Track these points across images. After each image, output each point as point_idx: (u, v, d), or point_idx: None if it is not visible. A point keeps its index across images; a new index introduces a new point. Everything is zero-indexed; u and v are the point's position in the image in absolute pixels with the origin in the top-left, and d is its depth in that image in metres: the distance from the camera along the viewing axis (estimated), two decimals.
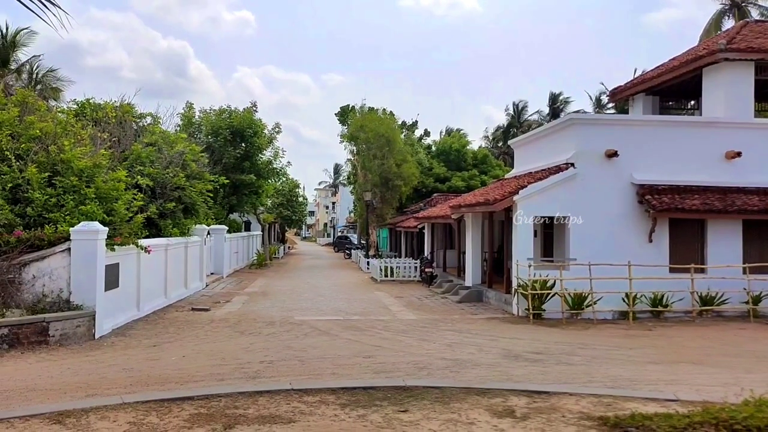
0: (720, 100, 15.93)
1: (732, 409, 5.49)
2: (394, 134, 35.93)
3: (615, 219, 14.98)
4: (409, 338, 11.51)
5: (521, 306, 14.58)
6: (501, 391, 7.07)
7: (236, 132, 29.18)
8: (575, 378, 8.12)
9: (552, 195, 15.01)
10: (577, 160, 15.15)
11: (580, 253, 14.67)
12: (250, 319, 13.87)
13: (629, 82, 20.08)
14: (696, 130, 15.58)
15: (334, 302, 17.71)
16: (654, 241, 14.87)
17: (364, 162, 35.33)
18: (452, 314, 15.37)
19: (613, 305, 14.29)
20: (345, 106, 43.67)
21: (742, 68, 15.69)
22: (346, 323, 13.40)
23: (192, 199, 18.79)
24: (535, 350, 10.28)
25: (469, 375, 8.18)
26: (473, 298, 17.97)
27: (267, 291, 20.87)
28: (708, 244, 15.09)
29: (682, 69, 16.93)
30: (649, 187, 14.90)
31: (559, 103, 54.35)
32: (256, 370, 8.31)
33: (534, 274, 14.39)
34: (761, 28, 17.48)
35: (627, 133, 15.34)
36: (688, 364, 9.24)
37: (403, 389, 7.05)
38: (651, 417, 5.74)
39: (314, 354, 9.69)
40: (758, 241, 15.13)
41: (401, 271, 26.10)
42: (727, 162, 15.29)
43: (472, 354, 9.87)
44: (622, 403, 6.63)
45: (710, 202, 14.62)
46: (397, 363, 8.95)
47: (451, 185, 39.89)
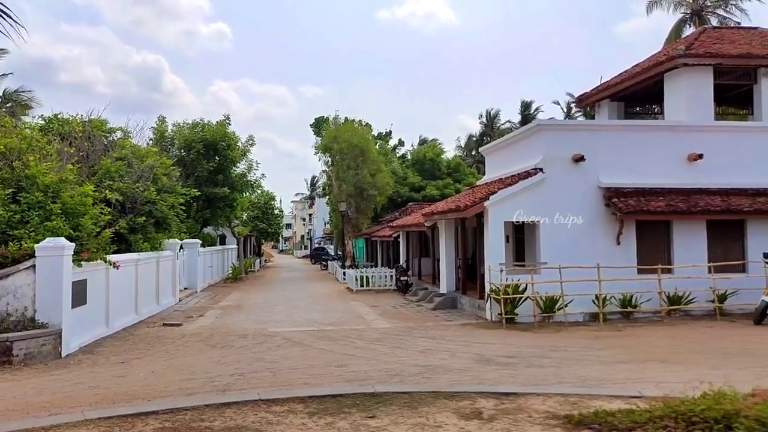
0: (681, 104, 16.36)
1: (691, 403, 5.60)
2: (368, 144, 36.08)
3: (584, 222, 15.22)
4: (382, 346, 11.51)
5: (494, 311, 14.68)
6: (469, 394, 7.11)
7: (209, 145, 28.99)
8: (545, 379, 8.20)
9: (522, 200, 15.20)
10: (545, 165, 15.38)
11: (550, 257, 14.86)
12: (222, 333, 13.72)
13: (595, 89, 20.49)
14: (659, 134, 15.95)
15: (308, 313, 17.63)
16: (622, 243, 15.14)
17: (338, 173, 35.36)
18: (426, 321, 15.41)
19: (584, 307, 14.49)
20: (320, 117, 43.79)
21: (701, 73, 16.15)
22: (319, 334, 13.34)
23: (163, 213, 18.59)
24: (507, 354, 10.36)
25: (441, 380, 8.20)
26: (448, 305, 18.05)
27: (241, 304, 20.68)
28: (674, 244, 15.42)
29: (644, 75, 17.36)
30: (615, 190, 15.19)
31: (531, 111, 55.13)
32: (227, 383, 8.22)
33: (506, 278, 14.52)
34: (718, 34, 18.05)
35: (593, 138, 15.64)
36: (655, 363, 9.41)
37: (373, 396, 7.04)
38: (614, 413, 5.83)
39: (286, 365, 9.62)
40: (722, 240, 15.53)
41: (377, 280, 26.13)
42: (690, 164, 15.68)
43: (444, 360, 9.91)
44: (588, 401, 6.70)
45: (675, 203, 14.96)
46: (370, 371, 8.94)
47: (426, 194, 40.14)
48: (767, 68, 16.54)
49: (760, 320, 13.19)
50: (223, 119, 30.90)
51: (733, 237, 15.66)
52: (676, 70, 16.30)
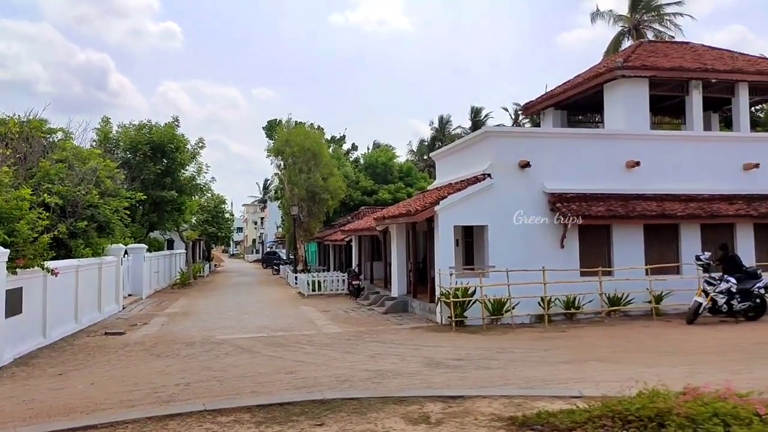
0: (620, 113, 17.06)
1: (627, 402, 5.84)
2: (321, 148, 36.02)
3: (530, 226, 15.62)
4: (333, 351, 11.49)
5: (444, 314, 14.88)
6: (418, 399, 7.19)
7: (157, 147, 28.24)
8: (492, 381, 8.38)
9: (471, 204, 15.48)
10: (493, 171, 15.71)
11: (498, 260, 15.18)
12: (168, 341, 13.38)
13: (540, 97, 21.12)
14: (599, 142, 16.59)
15: (258, 319, 17.41)
16: (566, 246, 15.62)
17: (290, 176, 35.12)
18: (378, 325, 15.47)
19: (530, 309, 14.87)
20: (272, 120, 43.49)
21: (638, 84, 16.90)
22: (269, 340, 13.20)
23: (106, 218, 17.99)
24: (456, 357, 10.52)
25: (390, 385, 8.26)
26: (399, 309, 18.18)
27: (188, 311, 20.23)
28: (614, 247, 16.03)
29: (585, 85, 18.03)
30: (559, 196, 15.67)
31: (481, 117, 56.17)
32: (171, 394, 8.03)
33: (456, 282, 14.75)
34: (654, 47, 18.95)
35: (538, 145, 16.10)
36: (596, 362, 9.75)
37: (322, 403, 7.04)
38: (555, 414, 6.02)
39: (234, 373, 9.48)
40: (657, 243, 16.26)
41: (329, 284, 26.08)
42: (628, 171, 16.36)
43: (394, 364, 9.98)
44: (532, 402, 6.89)
45: (614, 208, 15.56)
46: (319, 377, 8.91)
47: (378, 198, 40.36)
48: (698, 81, 17.45)
49: (693, 320, 13.87)
50: (171, 121, 30.19)
51: (668, 240, 16.41)
52: (615, 81, 17.01)
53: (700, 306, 13.83)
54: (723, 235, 16.43)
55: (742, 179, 17.11)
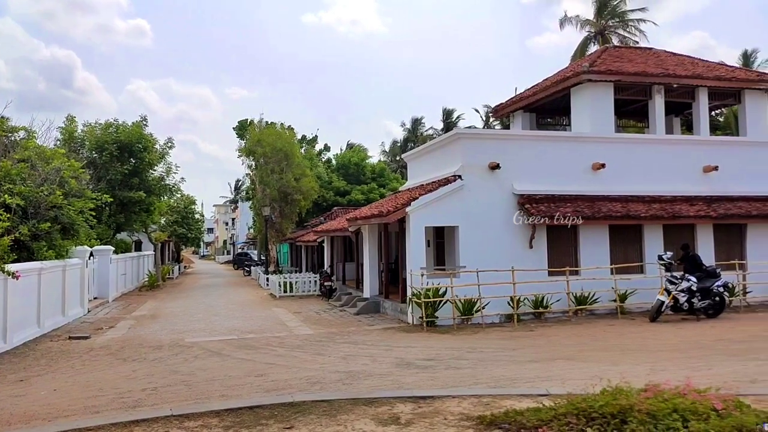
0: (586, 116, 17.43)
1: (591, 399, 5.99)
2: (293, 148, 35.88)
3: (499, 227, 15.84)
4: (304, 353, 11.47)
5: (416, 315, 14.98)
6: (388, 400, 7.24)
7: (124, 147, 27.71)
8: (462, 381, 8.48)
9: (442, 206, 15.62)
10: (463, 173, 15.88)
11: (469, 261, 15.35)
12: (135, 345, 13.15)
13: (509, 100, 21.42)
14: (566, 144, 16.91)
15: (228, 321, 17.25)
16: (534, 247, 15.89)
17: (262, 177, 34.89)
18: (349, 326, 15.49)
19: (500, 309, 15.08)
20: (243, 120, 43.09)
21: (603, 88, 17.29)
22: (239, 342, 13.10)
23: (71, 219, 17.57)
24: (426, 357, 10.61)
25: (361, 386, 8.29)
26: (371, 310, 18.23)
27: (157, 314, 19.90)
28: (580, 248, 16.37)
29: (553, 89, 18.36)
30: (528, 197, 15.92)
31: (453, 119, 56.61)
32: (137, 399, 7.92)
33: (427, 282, 14.86)
34: (618, 53, 19.42)
35: (507, 147, 16.33)
36: (562, 361, 9.95)
37: (291, 405, 7.03)
38: (522, 412, 6.13)
39: (203, 377, 9.38)
40: (622, 243, 16.67)
41: (300, 285, 25.98)
42: (594, 173, 16.72)
43: (365, 365, 10.01)
44: (500, 401, 7.01)
45: (581, 209, 15.88)
46: (290, 379, 8.90)
47: (351, 198, 40.36)
48: (660, 86, 17.94)
49: (656, 317, 14.27)
50: (139, 120, 29.67)
51: (633, 240, 16.83)
52: (581, 85, 17.38)
53: (663, 304, 14.23)
54: (684, 235, 16.93)
55: (702, 181, 17.64)
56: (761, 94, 19.34)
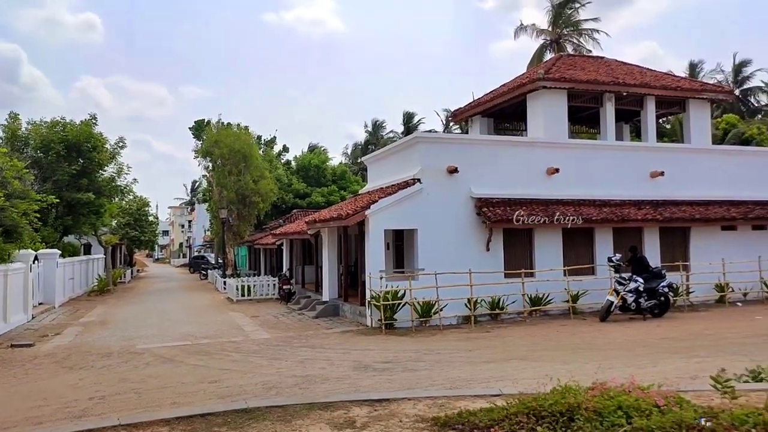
0: (541, 122, 17.86)
1: (542, 398, 6.14)
2: (252, 150, 35.48)
3: (457, 230, 16.05)
4: (260, 358, 11.37)
5: (374, 317, 15.03)
6: (344, 403, 7.24)
7: (72, 146, 26.76)
8: (418, 383, 8.55)
9: (401, 209, 15.73)
10: (422, 176, 16.02)
11: (427, 263, 15.50)
12: (82, 352, 12.73)
13: (468, 105, 21.76)
14: (522, 149, 17.29)
15: (183, 327, 16.92)
16: (491, 249, 16.17)
17: (219, 178, 34.38)
18: (308, 330, 15.42)
19: (458, 311, 15.29)
20: (200, 120, 42.36)
21: (558, 95, 17.76)
22: (193, 348, 12.87)
23: (14, 221, 16.91)
24: (384, 360, 10.66)
25: (318, 390, 8.27)
26: (330, 313, 18.18)
27: (106, 319, 19.34)
28: (535, 250, 16.75)
29: (509, 94, 18.75)
30: (485, 200, 16.19)
31: (413, 122, 57.04)
32: (83, 408, 7.67)
33: (386, 285, 14.93)
34: (572, 61, 19.99)
35: (465, 151, 16.57)
36: (516, 361, 10.16)
37: (245, 412, 6.95)
38: (475, 413, 6.24)
39: (154, 384, 9.18)
40: (574, 246, 17.14)
41: (259, 289, 25.70)
42: (549, 177, 17.13)
43: (323, 369, 9.99)
44: (454, 402, 7.10)
45: (536, 213, 16.26)
46: (245, 385, 8.80)
47: (311, 201, 40.13)
48: (611, 94, 18.55)
49: (606, 317, 14.74)
50: (89, 118, 28.73)
51: (584, 243, 17.33)
52: (537, 92, 17.80)
53: (612, 304, 14.71)
54: (633, 238, 17.54)
55: (649, 186, 18.28)
56: (704, 103, 20.21)
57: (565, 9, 38.61)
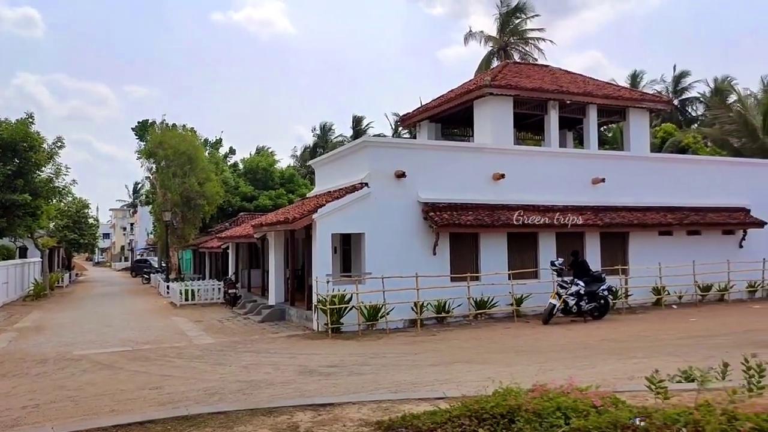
0: (487, 128, 18.24)
1: (484, 401, 6.25)
2: (197, 151, 34.78)
3: (405, 234, 16.16)
4: (203, 364, 11.14)
5: (321, 321, 14.96)
6: (288, 408, 7.16)
7: (6, 146, 25.58)
8: (364, 387, 8.55)
9: (348, 213, 15.71)
10: (370, 180, 16.06)
11: (375, 267, 15.54)
12: (16, 359, 12.17)
13: (416, 110, 22.00)
14: (469, 154, 17.58)
15: (123, 332, 16.40)
16: (438, 253, 16.36)
17: (163, 180, 33.51)
18: (253, 335, 15.20)
19: (404, 314, 15.38)
20: (144, 120, 41.21)
21: (504, 102, 18.19)
22: (134, 354, 12.51)
23: None
24: (330, 364, 10.61)
25: (262, 395, 8.16)
26: (276, 317, 17.98)
27: (42, 325, 18.52)
28: (481, 254, 17.06)
29: (457, 100, 19.08)
30: (432, 205, 16.36)
31: (363, 126, 57.14)
32: (16, 418, 7.32)
33: (333, 289, 14.88)
34: (518, 68, 20.52)
35: (413, 156, 16.71)
36: (461, 364, 10.29)
37: (186, 419, 6.77)
38: (419, 416, 6.28)
39: (91, 392, 8.84)
40: (519, 250, 17.54)
41: (203, 293, 25.19)
42: (495, 182, 17.47)
43: (268, 374, 9.87)
44: (399, 405, 7.14)
45: (481, 217, 16.57)
46: (187, 391, 8.59)
47: (259, 204, 39.66)
48: (555, 101, 19.15)
49: (548, 320, 15.15)
50: (25, 117, 27.47)
51: (529, 247, 17.77)
52: (483, 98, 18.18)
53: (554, 307, 15.13)
54: (574, 242, 18.10)
55: (590, 192, 18.90)
56: (643, 112, 21.14)
57: (512, 18, 39.62)
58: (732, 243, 20.80)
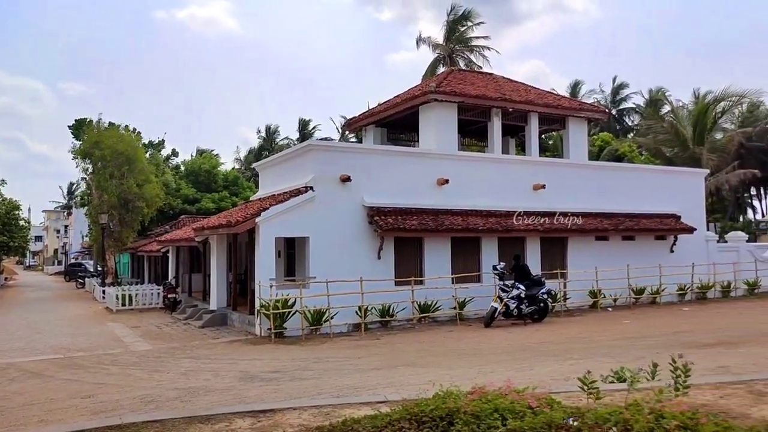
0: (432, 134, 18.48)
1: (424, 404, 6.31)
2: (137, 152, 33.74)
3: (350, 238, 16.14)
4: (140, 371, 10.81)
5: (264, 326, 14.75)
6: (226, 416, 7.03)
7: None
8: (305, 392, 8.48)
9: (293, 216, 15.56)
10: (315, 184, 15.96)
11: (319, 271, 15.45)
12: None
13: (362, 114, 22.06)
14: (414, 160, 17.76)
15: (55, 339, 15.69)
16: (382, 257, 16.42)
17: (99, 181, 32.32)
18: (193, 340, 14.85)
19: (348, 319, 15.36)
20: (81, 119, 39.51)
21: (448, 108, 18.48)
22: (66, 362, 12.01)
23: None
24: (272, 369, 10.49)
25: (200, 402, 7.98)
26: (217, 322, 17.60)
27: None
28: (425, 258, 17.22)
29: (403, 105, 19.26)
30: (377, 209, 16.40)
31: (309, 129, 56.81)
32: None
33: (276, 293, 14.69)
34: (462, 76, 20.90)
35: (358, 160, 16.72)
36: (404, 367, 10.36)
37: (119, 428, 6.54)
38: (359, 420, 6.28)
39: (19, 401, 8.43)
40: (462, 254, 17.82)
41: (141, 298, 24.41)
42: (439, 188, 17.65)
43: (207, 380, 9.67)
44: (340, 410, 7.12)
45: (426, 222, 16.74)
46: (122, 400, 8.31)
47: (201, 207, 38.85)
48: (498, 109, 19.61)
49: (490, 323, 15.47)
50: None
51: (472, 252, 18.06)
52: (429, 104, 18.41)
53: (496, 310, 15.46)
54: (516, 247, 18.56)
55: (532, 198, 19.38)
56: (582, 121, 21.91)
57: (459, 26, 40.36)
58: (664, 248, 21.81)
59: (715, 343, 11.52)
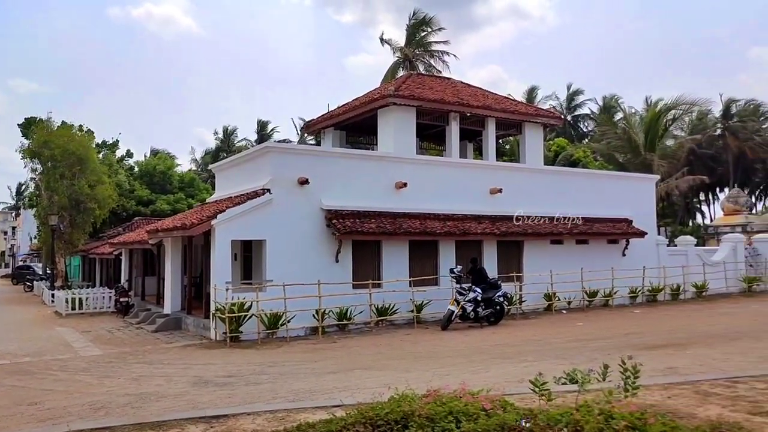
0: (390, 137, 18.57)
1: (379, 407, 6.33)
2: (89, 152, 32.77)
3: (307, 241, 16.06)
4: (89, 377, 10.52)
5: (219, 330, 14.52)
6: (179, 422, 6.90)
7: None
8: (260, 397, 8.40)
9: (249, 219, 15.39)
10: (273, 186, 15.82)
11: (276, 275, 15.30)
12: None
13: (321, 117, 21.99)
14: (372, 163, 17.80)
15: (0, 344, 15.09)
16: (340, 260, 16.40)
17: (49, 182, 31.24)
18: (145, 345, 14.52)
19: (306, 322, 15.27)
20: (31, 117, 38.08)
21: (407, 112, 18.61)
22: (12, 368, 11.61)
23: None
24: (227, 374, 10.35)
25: (152, 408, 7.80)
26: (171, 326, 17.25)
27: None
28: (383, 261, 17.27)
29: (361, 109, 19.30)
30: (335, 212, 16.36)
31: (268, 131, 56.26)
32: None
33: (232, 297, 14.49)
34: (421, 80, 21.10)
35: (317, 163, 16.65)
36: (360, 370, 10.37)
37: None
38: (314, 425, 6.26)
39: None
40: (419, 258, 17.94)
41: (92, 302, 23.71)
42: (397, 191, 17.71)
43: (159, 386, 9.47)
44: (295, 415, 7.09)
45: (384, 225, 16.78)
46: (70, 407, 8.06)
47: (156, 209, 38.04)
48: (456, 113, 19.86)
49: (447, 326, 15.61)
50: None
51: (429, 255, 18.20)
52: (387, 108, 18.51)
53: (453, 313, 15.63)
54: (473, 250, 18.80)
55: (488, 202, 19.66)
56: (538, 126, 22.40)
57: (419, 30, 40.71)
58: (616, 252, 22.40)
59: (664, 344, 11.90)
